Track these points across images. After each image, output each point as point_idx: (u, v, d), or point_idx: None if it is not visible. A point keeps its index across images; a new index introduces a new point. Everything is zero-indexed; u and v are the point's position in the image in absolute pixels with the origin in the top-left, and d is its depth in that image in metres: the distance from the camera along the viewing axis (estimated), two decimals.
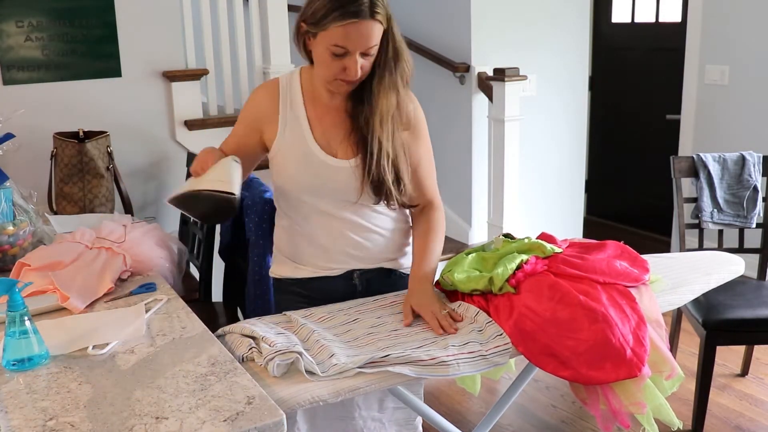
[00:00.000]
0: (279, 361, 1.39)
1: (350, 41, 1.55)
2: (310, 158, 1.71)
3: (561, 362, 1.54)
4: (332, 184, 1.71)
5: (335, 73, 1.60)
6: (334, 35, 1.54)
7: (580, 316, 1.56)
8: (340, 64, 1.58)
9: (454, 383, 2.78)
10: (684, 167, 2.90)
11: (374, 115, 1.66)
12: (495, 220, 3.70)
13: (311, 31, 1.59)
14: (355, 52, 1.57)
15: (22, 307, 1.35)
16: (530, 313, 1.59)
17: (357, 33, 1.54)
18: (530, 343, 1.55)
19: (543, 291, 1.63)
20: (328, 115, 1.73)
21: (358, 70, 1.59)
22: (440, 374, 1.47)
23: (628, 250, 1.84)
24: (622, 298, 1.64)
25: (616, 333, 1.53)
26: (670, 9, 4.48)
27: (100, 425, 1.14)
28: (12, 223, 1.98)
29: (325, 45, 1.57)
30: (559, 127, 4.18)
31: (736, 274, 1.96)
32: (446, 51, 3.86)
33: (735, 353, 3.11)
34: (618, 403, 1.55)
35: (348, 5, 1.53)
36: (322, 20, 1.55)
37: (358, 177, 1.70)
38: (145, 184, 3.15)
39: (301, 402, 1.34)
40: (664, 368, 1.62)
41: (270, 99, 1.75)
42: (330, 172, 1.71)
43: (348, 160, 1.70)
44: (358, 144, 1.69)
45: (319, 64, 1.63)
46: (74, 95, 2.95)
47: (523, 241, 1.82)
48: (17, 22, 2.81)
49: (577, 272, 1.69)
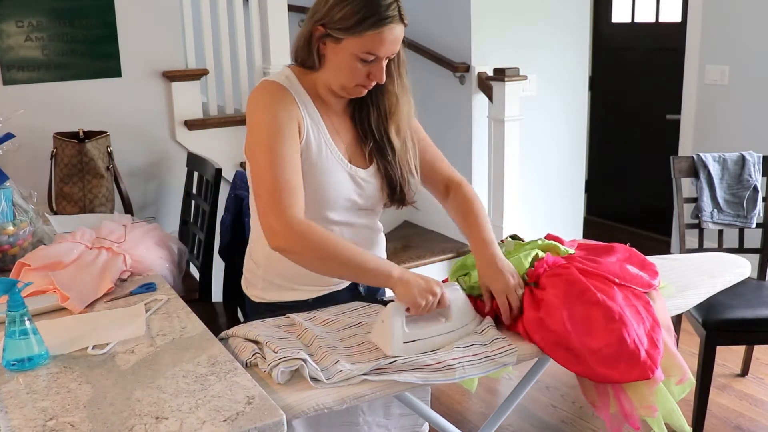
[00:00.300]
0: (284, 368, 1.36)
1: (383, 47, 1.51)
2: (336, 164, 1.61)
3: (575, 356, 1.52)
4: (354, 193, 1.64)
5: (359, 80, 1.55)
6: (367, 42, 1.49)
7: (596, 313, 1.54)
8: (365, 70, 1.54)
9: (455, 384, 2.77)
10: (684, 167, 2.90)
11: (390, 123, 1.64)
12: (495, 220, 3.70)
13: (336, 36, 1.51)
14: (384, 57, 1.53)
15: (22, 307, 1.35)
16: (547, 307, 1.56)
17: (391, 38, 1.51)
18: (546, 333, 1.53)
19: (561, 285, 1.61)
20: (336, 118, 1.66)
21: (383, 75, 1.55)
22: (447, 378, 1.44)
23: (635, 254, 1.83)
24: (637, 300, 1.63)
25: (632, 334, 1.52)
26: (670, 9, 4.48)
27: (100, 425, 1.14)
28: (12, 223, 1.98)
29: (352, 51, 1.51)
30: (559, 127, 4.18)
31: (742, 277, 1.93)
32: (446, 51, 3.86)
33: (735, 353, 3.11)
34: (630, 405, 1.53)
35: (383, 10, 1.48)
36: (355, 26, 1.48)
37: (378, 185, 1.67)
38: (145, 184, 3.15)
39: (306, 409, 1.31)
40: (675, 373, 1.60)
41: (286, 97, 1.56)
42: (352, 180, 1.64)
43: (366, 170, 1.65)
44: (372, 152, 1.65)
45: (340, 70, 1.55)
46: (74, 95, 2.95)
47: (537, 242, 1.80)
48: (17, 22, 2.82)
49: (593, 270, 1.67)
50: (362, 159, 1.67)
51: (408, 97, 1.66)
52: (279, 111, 1.53)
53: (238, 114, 3.37)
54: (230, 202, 2.24)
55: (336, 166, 1.61)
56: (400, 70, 1.63)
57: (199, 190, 2.79)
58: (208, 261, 2.63)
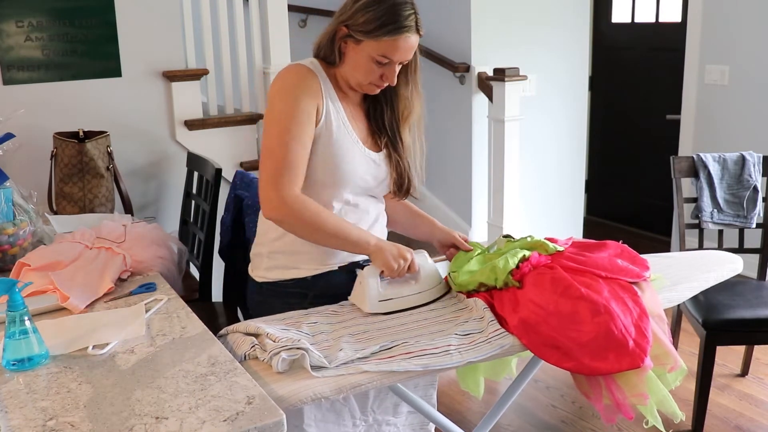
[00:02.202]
0: (285, 355, 1.39)
1: (398, 53, 1.67)
2: (353, 146, 1.75)
3: (564, 353, 1.55)
4: (368, 175, 1.79)
5: (373, 79, 1.71)
6: (383, 46, 1.66)
7: (582, 308, 1.58)
8: (379, 72, 1.70)
9: (456, 384, 2.78)
10: (684, 167, 2.90)
11: (402, 123, 1.82)
12: (495, 220, 3.71)
13: (357, 37, 1.66)
14: (397, 62, 1.69)
15: (22, 307, 1.35)
16: (533, 306, 1.60)
17: (405, 46, 1.68)
18: (533, 335, 1.56)
19: (546, 284, 1.65)
20: (353, 108, 1.81)
21: (395, 78, 1.72)
22: (445, 363, 1.47)
23: (627, 250, 1.86)
24: (623, 291, 1.66)
25: (618, 324, 1.55)
26: (670, 9, 4.48)
27: (100, 425, 1.15)
28: (12, 223, 1.98)
29: (369, 53, 1.67)
30: (559, 127, 4.18)
31: (735, 272, 1.97)
32: (446, 51, 3.86)
33: (735, 353, 3.11)
34: (621, 394, 1.57)
35: (401, 20, 1.65)
36: (374, 31, 1.64)
37: (386, 172, 1.82)
38: (145, 184, 3.15)
39: (303, 399, 1.34)
40: (666, 361, 1.63)
41: (311, 79, 1.70)
42: (367, 163, 1.78)
43: (378, 153, 1.81)
44: (383, 142, 1.82)
45: (357, 68, 1.70)
46: (74, 95, 2.95)
47: (526, 240, 1.85)
48: (17, 22, 2.82)
49: (579, 266, 1.71)
50: (375, 145, 1.82)
51: (421, 102, 1.84)
52: (300, 95, 1.67)
53: (238, 114, 3.37)
54: (230, 202, 2.24)
55: (353, 147, 1.75)
56: (415, 76, 1.80)
57: (199, 190, 2.79)
58: (208, 261, 2.63)
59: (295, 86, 1.68)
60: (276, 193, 1.63)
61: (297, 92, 1.67)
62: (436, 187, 4.14)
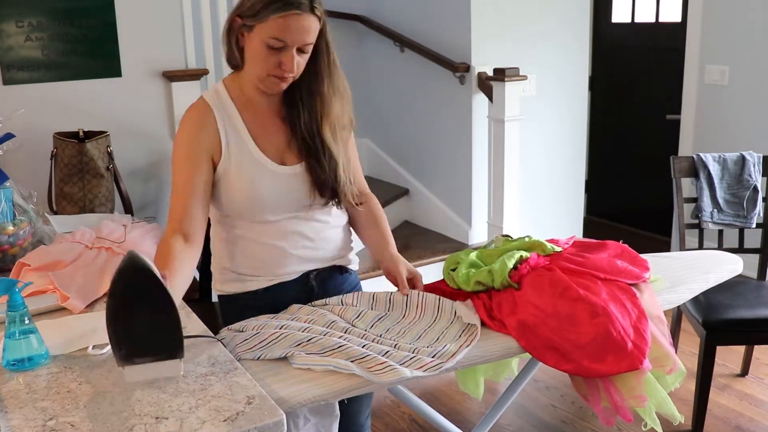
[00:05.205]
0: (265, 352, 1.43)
1: (289, 34, 1.55)
2: (261, 170, 1.66)
3: (562, 356, 1.55)
4: (286, 192, 1.69)
5: (270, 68, 1.59)
6: (273, 27, 1.54)
7: (580, 310, 1.58)
8: (275, 59, 1.58)
9: (455, 384, 2.78)
10: (684, 167, 2.90)
11: (322, 123, 1.68)
12: (495, 220, 3.71)
13: (248, 24, 1.57)
14: (293, 46, 1.57)
15: (22, 307, 1.35)
16: (532, 308, 1.60)
17: (297, 25, 1.55)
18: (532, 337, 1.56)
19: (544, 286, 1.65)
20: (265, 121, 1.70)
21: (294, 65, 1.59)
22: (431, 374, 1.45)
23: (628, 250, 1.86)
24: (622, 293, 1.66)
25: (617, 326, 1.55)
26: (670, 9, 4.48)
27: (100, 425, 1.14)
28: (12, 223, 1.98)
29: (262, 38, 1.56)
30: (559, 127, 4.18)
31: (735, 273, 1.97)
32: (446, 51, 3.86)
33: (735, 353, 3.11)
34: (619, 396, 1.56)
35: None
36: (261, 11, 1.54)
37: (308, 181, 1.69)
38: (145, 184, 3.15)
39: (302, 401, 1.34)
40: (666, 363, 1.63)
41: (207, 117, 1.66)
42: (282, 180, 1.68)
43: (294, 167, 1.69)
44: (301, 150, 1.69)
45: (254, 59, 1.61)
46: (74, 95, 2.95)
47: (524, 240, 1.84)
48: (17, 22, 2.82)
49: (578, 268, 1.70)
50: (295, 157, 1.71)
51: (342, 100, 1.70)
52: (195, 141, 1.63)
53: None
54: None
55: (259, 170, 1.66)
56: (330, 70, 1.66)
57: None
58: (208, 261, 2.62)
59: (193, 130, 1.65)
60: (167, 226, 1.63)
61: (193, 137, 1.64)
62: (435, 187, 4.14)
